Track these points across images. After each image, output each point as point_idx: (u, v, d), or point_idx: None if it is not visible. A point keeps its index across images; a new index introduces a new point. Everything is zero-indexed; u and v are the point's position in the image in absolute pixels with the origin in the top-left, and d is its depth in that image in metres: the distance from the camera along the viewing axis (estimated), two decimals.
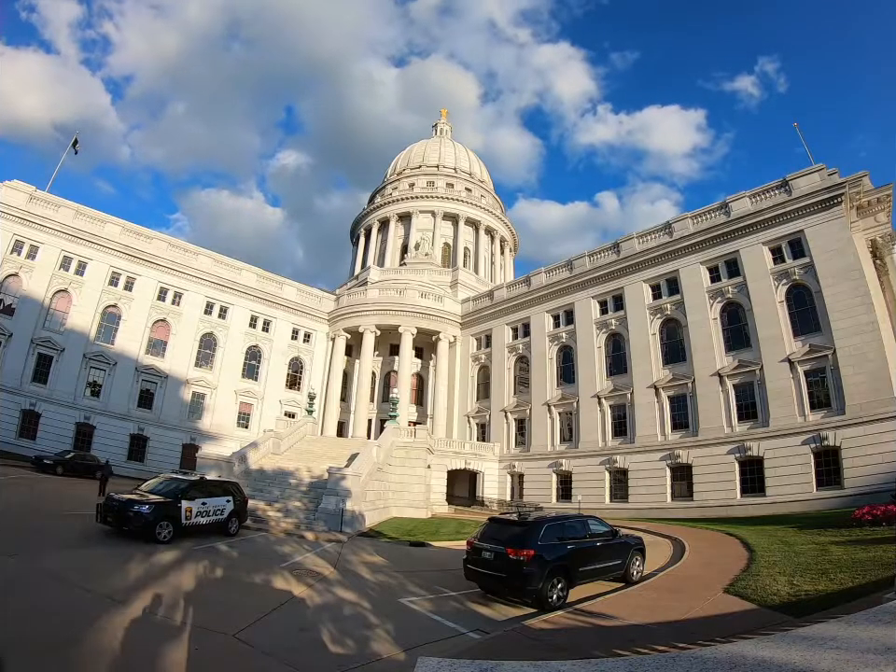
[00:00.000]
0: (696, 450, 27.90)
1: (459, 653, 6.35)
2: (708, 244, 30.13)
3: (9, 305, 32.92)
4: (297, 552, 14.28)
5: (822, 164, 26.87)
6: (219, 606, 8.38)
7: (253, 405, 40.78)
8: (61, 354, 33.54)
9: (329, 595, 9.83)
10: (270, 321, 42.77)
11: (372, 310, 43.08)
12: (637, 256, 33.20)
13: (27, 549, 10.40)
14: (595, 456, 32.14)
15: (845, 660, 2.38)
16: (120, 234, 36.93)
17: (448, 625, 8.13)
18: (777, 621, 7.41)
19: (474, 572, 10.09)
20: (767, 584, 9.68)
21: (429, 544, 17.67)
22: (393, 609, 9.01)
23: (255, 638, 6.74)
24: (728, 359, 28.24)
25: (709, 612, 8.48)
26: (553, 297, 37.91)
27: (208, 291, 39.94)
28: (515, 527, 10.17)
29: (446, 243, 57.35)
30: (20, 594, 7.70)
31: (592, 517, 11.98)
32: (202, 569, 11.06)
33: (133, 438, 34.98)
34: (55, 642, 5.96)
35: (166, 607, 7.83)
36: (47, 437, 31.69)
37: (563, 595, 9.46)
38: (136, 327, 36.42)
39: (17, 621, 6.44)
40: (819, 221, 26.21)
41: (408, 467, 28.08)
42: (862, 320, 23.85)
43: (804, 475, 23.85)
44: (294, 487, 23.32)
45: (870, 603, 5.53)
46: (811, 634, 2.91)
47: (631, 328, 32.70)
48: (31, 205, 34.03)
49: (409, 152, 65.94)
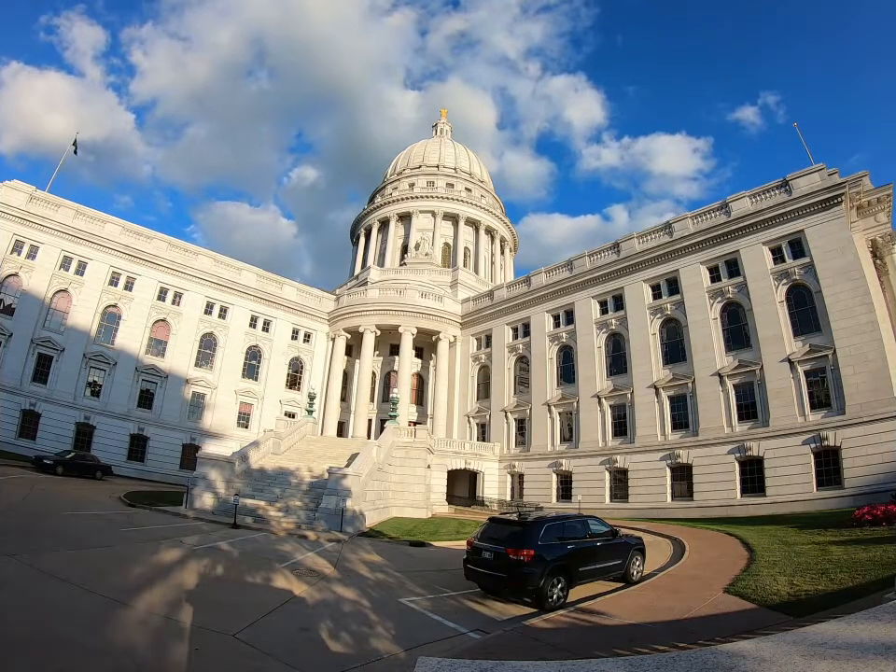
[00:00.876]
0: (696, 450, 27.90)
1: (459, 653, 6.36)
2: (708, 243, 30.13)
3: (9, 305, 32.93)
4: (298, 551, 14.28)
5: (822, 164, 26.86)
6: (220, 605, 8.38)
7: (253, 405, 40.79)
8: (61, 354, 33.55)
9: (330, 595, 9.84)
10: (270, 321, 42.78)
11: (372, 310, 43.08)
12: (637, 256, 33.20)
13: (28, 549, 10.39)
14: (596, 456, 32.13)
15: (845, 659, 2.38)
16: (120, 234, 36.93)
17: (448, 625, 8.13)
18: (777, 621, 7.41)
19: (474, 572, 10.08)
20: (767, 584, 9.68)
21: (429, 544, 17.66)
22: (393, 609, 9.01)
23: (255, 638, 6.73)
24: (728, 359, 28.24)
25: (709, 612, 8.49)
26: (553, 297, 37.91)
27: (208, 291, 39.94)
28: (515, 527, 10.17)
29: (446, 243, 57.35)
30: (19, 593, 7.70)
31: (592, 517, 11.98)
32: (203, 569, 11.05)
33: (133, 438, 34.98)
34: (54, 642, 5.96)
35: (167, 606, 7.82)
36: (47, 437, 31.69)
37: (563, 594, 9.46)
38: (136, 327, 36.42)
39: (15, 620, 6.44)
40: (819, 221, 26.20)
41: (408, 467, 28.09)
42: (862, 320, 23.85)
43: (804, 475, 23.84)
44: (295, 487, 23.33)
45: (870, 603, 5.53)
46: (811, 634, 2.92)
47: (631, 328, 32.70)
48: (31, 205, 34.02)
49: (409, 152, 65.94)
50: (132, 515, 17.88)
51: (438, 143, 65.96)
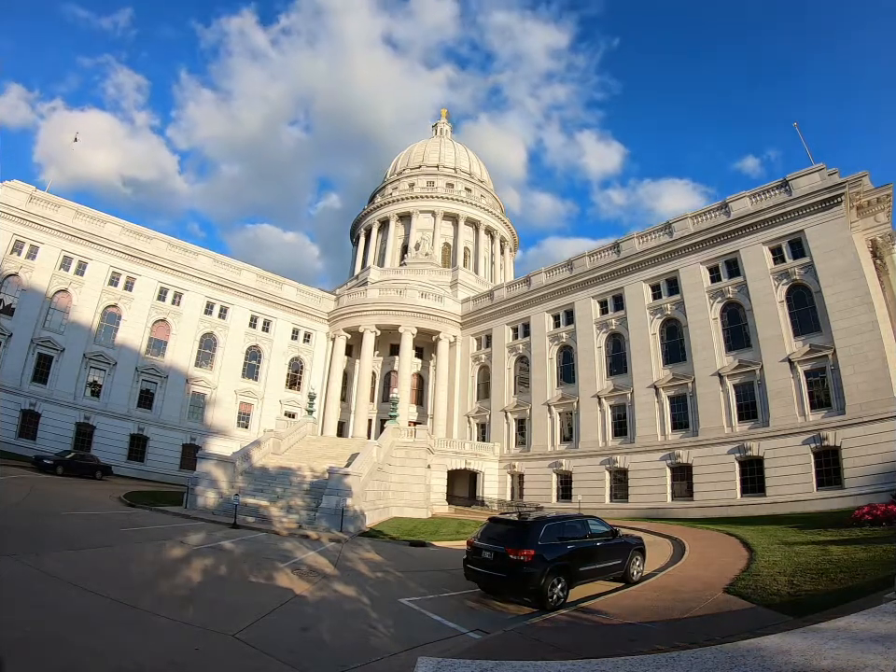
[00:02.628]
0: (696, 450, 27.90)
1: (459, 653, 6.36)
2: (709, 243, 30.13)
3: (9, 305, 32.93)
4: (298, 550, 14.29)
5: (822, 164, 26.86)
6: (221, 605, 8.39)
7: (253, 405, 40.78)
8: (61, 354, 33.55)
9: (331, 594, 9.84)
10: (270, 321, 42.78)
11: (372, 310, 43.08)
12: (637, 256, 33.20)
13: (28, 549, 10.39)
14: (596, 456, 32.14)
15: (845, 659, 2.39)
16: (120, 234, 36.93)
17: (448, 625, 8.13)
18: (777, 621, 7.40)
19: (474, 572, 10.08)
20: (767, 584, 9.68)
21: (429, 544, 17.66)
22: (393, 609, 9.02)
23: (256, 638, 6.73)
24: (728, 359, 28.24)
25: (709, 612, 8.49)
26: (553, 297, 37.91)
27: (208, 291, 39.94)
28: (515, 527, 10.17)
29: (446, 243, 57.34)
30: (20, 593, 7.70)
31: (592, 517, 11.98)
32: (203, 568, 11.05)
33: (133, 438, 34.98)
34: (54, 642, 5.96)
35: (167, 606, 7.82)
36: (47, 437, 31.69)
37: (563, 594, 9.45)
38: (136, 327, 36.42)
39: (15, 621, 6.44)
40: (819, 221, 26.20)
41: (408, 467, 28.09)
42: (862, 320, 23.86)
43: (804, 475, 23.85)
44: (295, 486, 23.33)
45: (870, 603, 5.53)
46: (811, 633, 2.92)
47: (631, 327, 32.70)
48: (31, 205, 34.01)
49: (409, 152, 65.91)
50: (132, 515, 17.88)
51: (438, 143, 65.94)
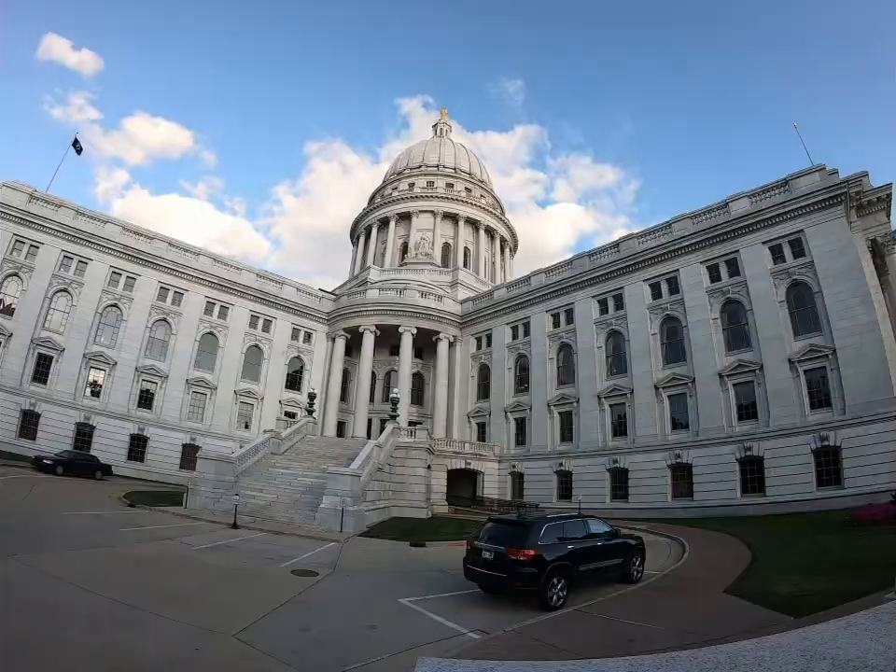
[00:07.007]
0: (697, 450, 27.89)
1: (459, 653, 6.35)
2: (708, 243, 30.12)
3: (9, 305, 32.93)
4: (298, 550, 14.27)
5: (822, 164, 26.87)
6: (220, 606, 8.38)
7: (253, 405, 40.76)
8: (61, 354, 33.54)
9: (330, 595, 9.84)
10: (270, 321, 42.75)
11: (372, 310, 43.05)
12: (637, 255, 33.18)
13: (28, 549, 10.39)
14: (596, 456, 32.12)
15: (845, 660, 2.38)
16: (120, 234, 36.89)
17: (448, 625, 8.12)
18: (777, 621, 7.41)
19: (474, 572, 10.08)
20: (767, 584, 9.69)
21: (430, 544, 17.66)
22: (393, 609, 9.01)
23: (255, 639, 6.73)
24: (728, 359, 28.22)
25: (709, 612, 8.49)
26: (553, 296, 37.89)
27: (208, 291, 39.91)
28: (515, 527, 10.18)
29: (446, 243, 57.32)
30: (20, 594, 7.69)
31: (592, 517, 12.00)
32: (203, 569, 11.05)
33: (132, 438, 34.94)
34: (54, 643, 5.96)
35: (167, 606, 7.81)
36: (47, 437, 31.66)
37: (563, 595, 9.44)
38: (136, 327, 36.39)
39: (16, 621, 6.43)
40: (819, 221, 26.20)
41: (408, 467, 28.08)
42: (862, 320, 23.85)
43: (804, 475, 23.84)
44: (295, 487, 23.32)
45: (870, 603, 5.52)
46: (811, 633, 2.91)
47: (631, 327, 32.68)
48: (31, 205, 33.99)
49: (409, 152, 65.93)
50: (132, 515, 17.89)
51: (438, 143, 65.92)
